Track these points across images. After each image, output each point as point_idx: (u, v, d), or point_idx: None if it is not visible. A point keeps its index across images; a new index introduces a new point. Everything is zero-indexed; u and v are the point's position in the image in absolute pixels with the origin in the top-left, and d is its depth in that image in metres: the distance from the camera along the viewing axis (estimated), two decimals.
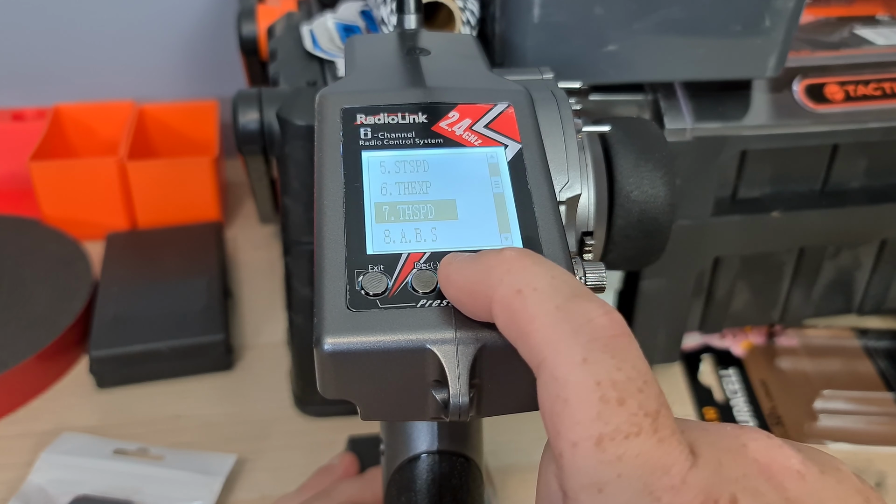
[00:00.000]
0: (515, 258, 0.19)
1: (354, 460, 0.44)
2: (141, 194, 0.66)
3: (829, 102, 0.46)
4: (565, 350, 0.17)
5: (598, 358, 0.17)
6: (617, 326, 0.18)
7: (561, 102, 0.31)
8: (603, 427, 0.16)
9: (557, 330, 0.18)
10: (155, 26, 0.76)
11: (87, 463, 0.45)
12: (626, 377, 0.17)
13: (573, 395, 0.17)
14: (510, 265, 0.19)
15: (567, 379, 0.17)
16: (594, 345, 0.17)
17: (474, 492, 0.29)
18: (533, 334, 0.18)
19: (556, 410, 0.17)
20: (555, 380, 0.17)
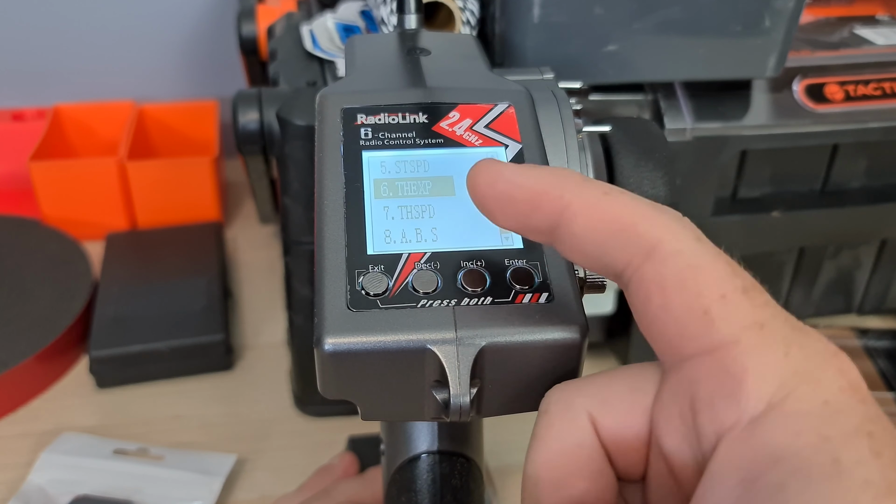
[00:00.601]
0: (577, 174, 0.20)
1: (354, 460, 0.44)
2: (141, 194, 0.66)
3: (829, 102, 0.46)
4: (681, 230, 0.18)
5: (707, 243, 0.18)
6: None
7: (561, 102, 0.31)
8: (742, 281, 0.18)
9: (664, 216, 0.19)
10: (155, 26, 0.76)
11: (87, 463, 0.45)
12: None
13: (704, 260, 0.18)
14: (578, 176, 0.20)
15: (694, 249, 0.18)
16: (698, 233, 0.19)
17: (474, 492, 0.29)
18: (640, 222, 0.18)
19: (688, 277, 0.18)
20: (680, 252, 0.18)
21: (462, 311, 0.21)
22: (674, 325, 0.18)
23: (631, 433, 0.19)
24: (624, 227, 0.18)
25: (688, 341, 0.18)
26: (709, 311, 0.17)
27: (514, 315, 0.21)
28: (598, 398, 0.20)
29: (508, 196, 0.20)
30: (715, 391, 0.17)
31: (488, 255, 0.23)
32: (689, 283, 0.18)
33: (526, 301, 0.21)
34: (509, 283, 0.22)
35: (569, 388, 0.20)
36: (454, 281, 0.22)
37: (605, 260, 0.19)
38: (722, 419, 0.17)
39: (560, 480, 0.19)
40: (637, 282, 0.18)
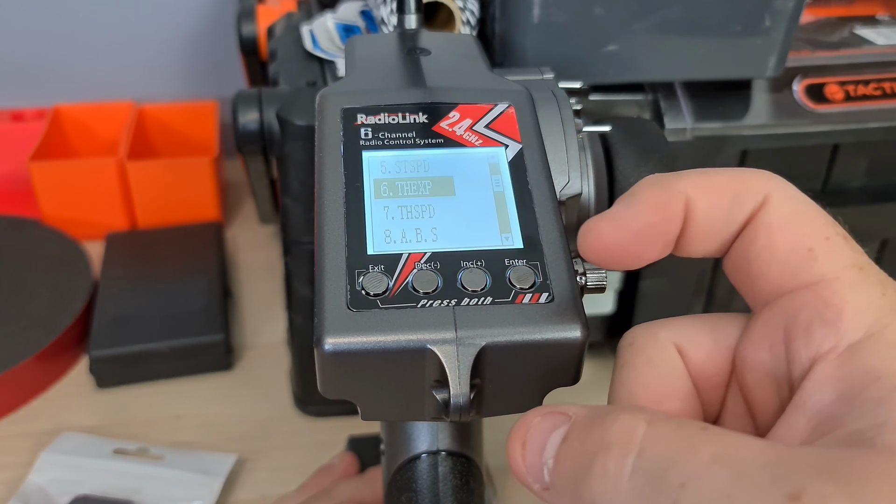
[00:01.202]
0: (665, 175, 0.21)
1: (354, 460, 0.44)
2: (141, 194, 0.66)
3: (829, 102, 0.46)
4: (787, 184, 0.20)
5: (809, 199, 0.20)
6: None
7: (561, 102, 0.31)
8: (843, 231, 0.19)
9: (767, 173, 0.20)
10: (155, 26, 0.76)
11: (86, 463, 0.45)
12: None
13: (809, 208, 0.19)
14: (670, 174, 0.21)
15: (801, 198, 0.20)
16: (799, 191, 0.20)
17: (474, 492, 0.29)
18: (748, 181, 0.20)
19: (795, 220, 0.19)
20: (788, 199, 0.19)
21: (462, 311, 0.21)
22: (777, 262, 0.19)
23: (715, 368, 0.20)
24: (737, 191, 0.20)
25: (789, 276, 0.19)
26: (813, 249, 0.19)
27: (515, 315, 0.21)
28: (685, 333, 0.21)
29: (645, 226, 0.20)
30: (813, 319, 0.18)
31: (488, 255, 0.23)
32: (796, 224, 0.19)
33: (526, 301, 0.21)
34: (509, 283, 0.22)
35: (652, 324, 0.21)
36: (454, 281, 0.22)
37: (728, 230, 0.20)
38: (819, 344, 0.18)
39: (657, 401, 0.20)
40: (745, 231, 0.20)
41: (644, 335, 0.21)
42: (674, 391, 0.20)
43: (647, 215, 0.20)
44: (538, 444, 0.18)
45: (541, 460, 0.18)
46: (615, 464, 0.16)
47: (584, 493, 0.16)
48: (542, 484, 0.18)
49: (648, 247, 0.20)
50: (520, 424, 0.19)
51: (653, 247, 0.20)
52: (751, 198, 0.19)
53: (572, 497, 0.17)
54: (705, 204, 0.20)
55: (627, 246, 0.20)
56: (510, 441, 0.19)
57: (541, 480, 0.18)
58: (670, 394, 0.20)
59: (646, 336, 0.21)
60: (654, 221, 0.20)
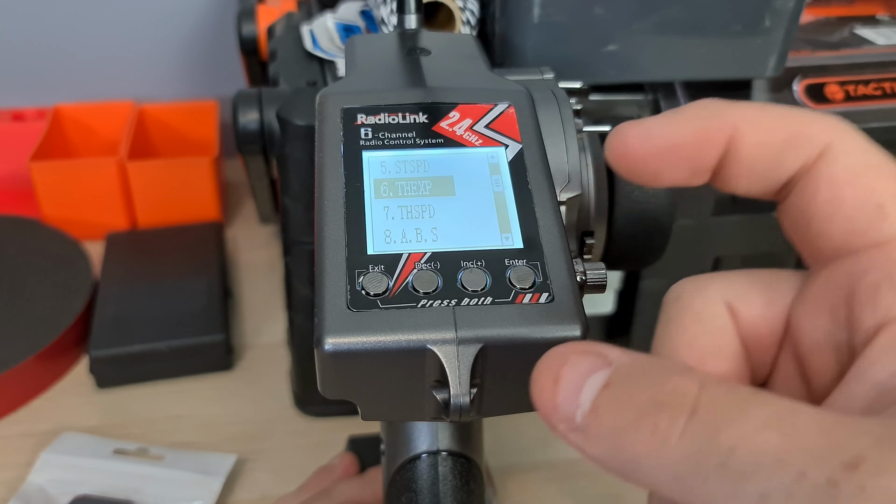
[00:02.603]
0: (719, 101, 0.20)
1: (354, 460, 0.44)
2: (141, 194, 0.66)
3: (829, 102, 0.46)
4: (855, 133, 0.18)
5: (881, 149, 0.18)
6: None
7: (561, 102, 0.31)
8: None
9: (833, 119, 0.18)
10: (155, 26, 0.76)
11: (87, 463, 0.45)
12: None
13: (878, 160, 0.18)
14: (723, 101, 0.19)
15: (869, 149, 0.18)
16: (868, 138, 0.18)
17: (474, 492, 0.29)
18: (809, 126, 0.18)
19: (862, 173, 0.18)
20: (853, 151, 0.18)
21: (462, 311, 0.21)
22: (841, 219, 0.18)
23: (767, 328, 0.19)
24: (795, 133, 0.18)
25: (855, 235, 0.17)
26: (883, 206, 0.17)
27: (515, 315, 0.21)
28: (736, 289, 0.19)
29: (672, 146, 0.19)
30: (881, 282, 0.17)
31: (488, 255, 0.23)
32: (864, 178, 0.17)
33: (526, 301, 0.21)
34: (509, 283, 0.22)
35: (701, 277, 0.20)
36: (454, 281, 0.22)
37: (777, 172, 0.18)
38: (887, 309, 0.17)
39: (702, 359, 0.19)
40: (805, 182, 0.18)
41: (692, 289, 0.20)
42: (720, 350, 0.19)
43: (680, 136, 0.19)
44: (575, 382, 0.16)
45: (576, 400, 0.16)
46: (666, 422, 0.15)
47: (628, 446, 0.15)
48: (570, 425, 0.16)
49: (672, 168, 0.19)
50: (552, 358, 0.17)
51: (677, 169, 0.19)
52: (809, 144, 0.18)
53: (611, 447, 0.16)
54: (754, 139, 0.18)
55: (650, 160, 0.19)
56: (538, 373, 0.17)
57: (570, 421, 0.16)
58: (716, 353, 0.19)
59: (694, 291, 0.20)
60: (686, 144, 0.19)
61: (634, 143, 0.19)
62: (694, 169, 0.19)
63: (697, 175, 0.19)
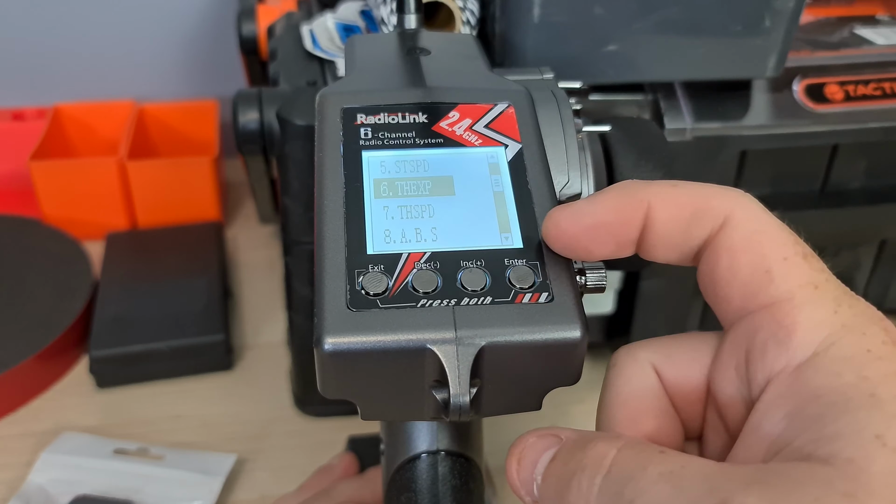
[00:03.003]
0: (636, 181, 0.22)
1: (354, 460, 0.44)
2: (141, 194, 0.66)
3: (829, 102, 0.46)
4: (749, 203, 0.20)
5: (772, 216, 0.20)
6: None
7: (561, 102, 0.31)
8: (803, 248, 0.20)
9: (732, 192, 0.20)
10: (155, 26, 0.76)
11: (87, 463, 0.45)
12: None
13: (770, 228, 0.20)
14: (639, 182, 0.21)
15: (761, 218, 0.20)
16: (763, 207, 0.21)
17: (474, 492, 0.29)
18: (712, 199, 0.20)
19: (755, 241, 0.20)
20: (748, 220, 0.20)
21: (462, 311, 0.21)
22: (738, 284, 0.20)
23: (690, 386, 0.21)
24: (699, 208, 0.20)
25: (749, 298, 0.20)
26: (770, 271, 0.19)
27: (514, 315, 0.21)
28: (662, 353, 0.22)
29: (600, 224, 0.21)
30: (768, 340, 0.19)
31: (488, 255, 0.23)
32: (756, 246, 0.20)
33: (526, 301, 0.21)
34: (509, 282, 0.22)
35: (634, 345, 0.22)
36: (454, 281, 0.22)
37: (688, 243, 0.21)
38: (772, 364, 0.19)
39: (633, 419, 0.21)
40: (710, 250, 0.20)
41: (625, 356, 0.22)
42: (648, 409, 0.21)
43: (603, 215, 0.21)
44: (531, 461, 0.20)
45: (532, 476, 0.20)
46: (587, 482, 0.18)
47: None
48: (532, 497, 0.20)
49: (599, 244, 0.21)
50: (518, 442, 0.21)
51: (604, 244, 0.21)
52: (711, 217, 0.20)
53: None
54: (665, 215, 0.21)
55: (580, 238, 0.21)
56: (509, 456, 0.21)
57: (531, 494, 0.20)
58: (645, 412, 0.21)
59: (626, 357, 0.22)
60: (609, 222, 0.21)
61: (566, 225, 0.21)
62: (619, 243, 0.21)
63: (623, 248, 0.21)
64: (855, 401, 0.17)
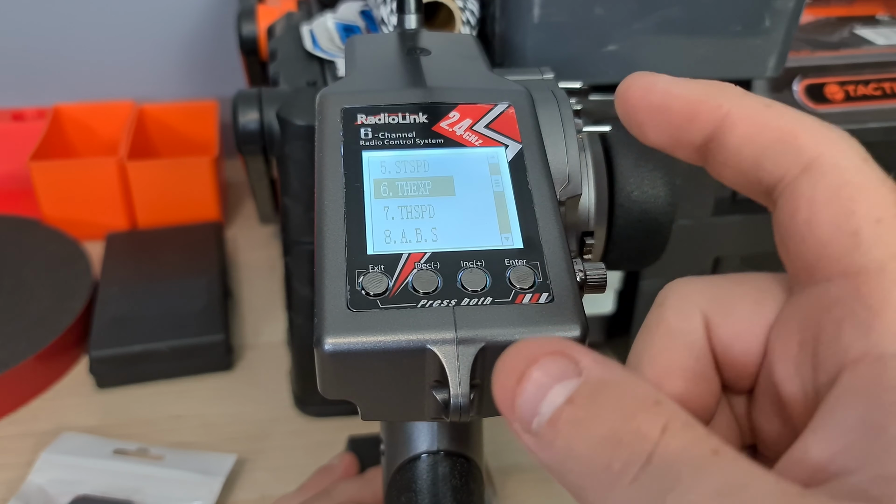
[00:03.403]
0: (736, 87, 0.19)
1: (354, 460, 0.44)
2: (141, 194, 0.66)
3: (829, 102, 0.46)
4: (847, 148, 0.17)
5: (875, 167, 0.17)
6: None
7: (561, 102, 0.31)
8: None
9: (830, 131, 0.17)
10: (155, 26, 0.76)
11: (87, 463, 0.45)
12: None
13: (866, 180, 0.16)
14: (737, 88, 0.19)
15: (859, 167, 0.17)
16: (866, 154, 0.17)
17: (474, 492, 0.29)
18: (802, 134, 0.17)
19: (843, 194, 0.16)
20: (839, 168, 0.17)
21: (462, 311, 0.21)
22: (816, 244, 0.16)
23: (744, 347, 0.18)
24: (785, 137, 0.17)
25: (828, 261, 0.16)
26: (859, 232, 0.16)
27: (514, 315, 0.21)
28: (719, 302, 0.19)
29: (664, 106, 0.19)
30: (846, 318, 0.16)
31: (488, 255, 0.23)
32: (844, 200, 0.16)
33: (526, 301, 0.21)
34: (509, 283, 0.22)
35: (690, 285, 0.19)
36: (454, 281, 0.22)
37: (759, 173, 0.18)
38: (847, 349, 0.15)
39: (660, 377, 0.18)
40: (787, 196, 0.17)
41: (674, 298, 0.19)
42: (682, 371, 0.18)
43: (675, 99, 0.18)
44: (539, 388, 0.16)
45: (536, 407, 0.16)
46: (620, 465, 0.14)
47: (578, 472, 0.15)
48: (525, 427, 0.16)
49: (656, 128, 0.19)
50: (522, 353, 0.16)
51: (660, 131, 0.19)
52: (795, 153, 0.17)
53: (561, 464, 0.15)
54: (741, 131, 0.18)
55: (640, 112, 0.19)
56: (502, 365, 0.16)
57: (526, 424, 0.16)
58: (677, 373, 0.18)
59: (675, 298, 0.19)
60: (676, 109, 0.18)
61: (635, 92, 0.19)
62: (676, 137, 0.19)
63: (680, 146, 0.19)
64: None
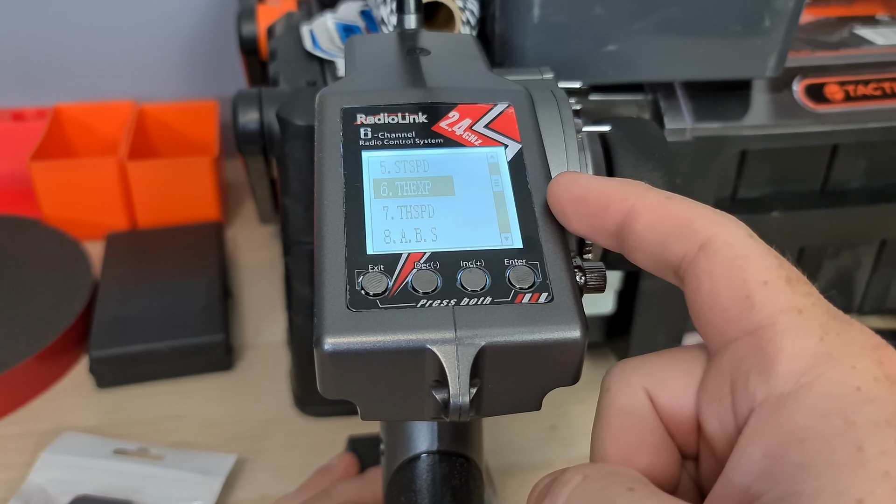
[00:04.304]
0: (643, 184, 0.22)
1: (354, 460, 0.44)
2: (141, 194, 0.66)
3: (829, 102, 0.46)
4: (734, 227, 0.20)
5: (758, 240, 0.20)
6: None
7: (561, 102, 0.31)
8: (787, 272, 0.19)
9: (719, 215, 0.20)
10: (155, 26, 0.76)
11: (87, 463, 0.45)
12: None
13: (753, 252, 0.19)
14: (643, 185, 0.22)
15: (745, 242, 0.19)
16: (750, 232, 0.20)
17: (474, 492, 0.29)
18: (696, 220, 0.20)
19: (735, 265, 0.19)
20: (730, 244, 0.19)
21: (462, 311, 0.21)
22: (719, 310, 0.19)
23: (684, 413, 0.20)
24: (682, 224, 0.20)
25: (731, 324, 0.19)
26: (751, 296, 0.19)
27: (514, 315, 0.21)
28: (655, 378, 0.21)
29: (582, 198, 0.22)
30: (750, 369, 0.18)
31: (488, 255, 0.23)
32: (736, 270, 0.19)
33: (526, 301, 0.21)
34: (509, 283, 0.22)
35: (627, 368, 0.21)
36: (454, 281, 0.22)
37: (664, 255, 0.21)
38: (753, 395, 0.18)
39: (626, 456, 0.20)
40: (690, 272, 0.20)
41: (618, 381, 0.21)
42: (643, 444, 0.20)
43: (589, 193, 0.22)
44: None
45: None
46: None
47: None
48: None
49: (577, 217, 0.22)
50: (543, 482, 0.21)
51: (580, 220, 0.22)
52: (691, 236, 0.20)
53: None
54: (645, 220, 0.21)
55: (565, 204, 0.22)
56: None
57: None
58: (640, 448, 0.20)
59: (619, 383, 0.21)
60: (591, 201, 0.22)
61: (559, 188, 0.22)
62: (593, 225, 0.22)
63: (597, 232, 0.22)
64: (840, 454, 0.16)
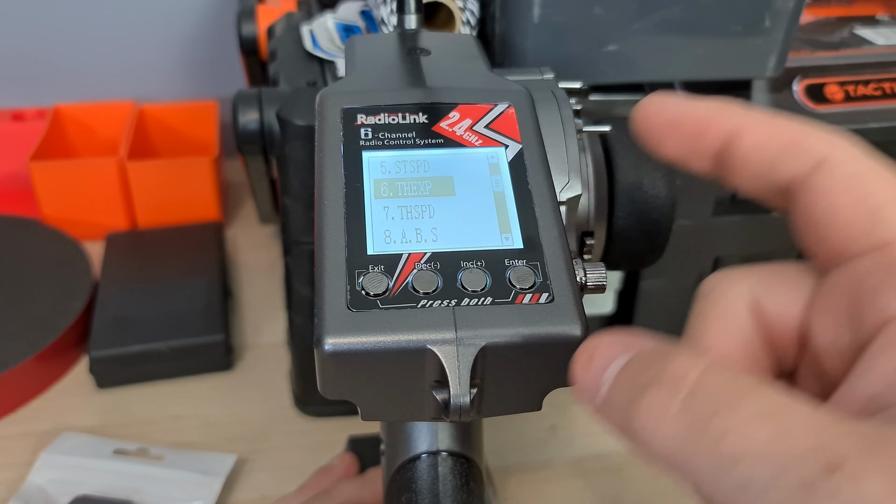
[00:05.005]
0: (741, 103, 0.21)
1: (354, 460, 0.44)
2: (141, 194, 0.66)
3: (829, 102, 0.46)
4: (849, 145, 0.19)
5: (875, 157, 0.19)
6: None
7: (561, 102, 0.31)
8: None
9: (832, 133, 0.19)
10: (155, 26, 0.76)
11: (87, 463, 0.45)
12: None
13: (873, 169, 0.19)
14: (743, 103, 0.20)
15: (862, 160, 0.19)
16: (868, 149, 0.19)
17: (474, 492, 0.29)
18: (808, 138, 0.19)
19: (856, 182, 0.18)
20: (847, 161, 0.19)
21: (462, 312, 0.21)
22: (839, 226, 0.18)
23: (788, 325, 0.20)
24: (793, 142, 0.19)
25: (853, 241, 0.18)
26: (879, 211, 0.18)
27: (515, 315, 0.21)
28: (763, 285, 0.20)
29: (678, 121, 0.20)
30: (882, 282, 0.17)
31: (488, 255, 0.23)
32: (858, 186, 0.18)
33: (526, 301, 0.21)
34: (509, 283, 0.22)
35: (732, 273, 0.21)
36: (454, 281, 0.22)
37: (772, 176, 0.19)
38: (885, 310, 0.17)
39: (727, 358, 0.20)
40: (804, 191, 0.19)
41: (721, 286, 0.20)
42: (740, 350, 0.19)
43: (687, 114, 0.20)
44: (603, 363, 0.18)
45: (600, 380, 0.18)
46: (663, 400, 0.16)
47: (633, 418, 0.16)
48: (593, 399, 0.18)
49: (672, 141, 0.21)
50: (588, 342, 0.19)
51: (676, 144, 0.21)
52: (805, 155, 0.19)
53: (621, 420, 0.17)
54: (754, 139, 0.19)
55: (657, 128, 0.21)
56: (577, 355, 0.19)
57: (594, 396, 0.18)
58: (734, 356, 0.19)
59: (723, 287, 0.20)
60: (689, 123, 0.20)
61: (651, 109, 0.21)
62: (691, 150, 0.20)
63: (695, 157, 0.21)
64: None
